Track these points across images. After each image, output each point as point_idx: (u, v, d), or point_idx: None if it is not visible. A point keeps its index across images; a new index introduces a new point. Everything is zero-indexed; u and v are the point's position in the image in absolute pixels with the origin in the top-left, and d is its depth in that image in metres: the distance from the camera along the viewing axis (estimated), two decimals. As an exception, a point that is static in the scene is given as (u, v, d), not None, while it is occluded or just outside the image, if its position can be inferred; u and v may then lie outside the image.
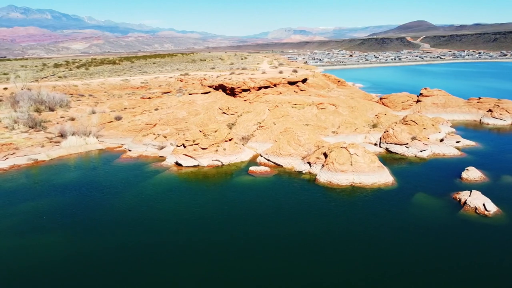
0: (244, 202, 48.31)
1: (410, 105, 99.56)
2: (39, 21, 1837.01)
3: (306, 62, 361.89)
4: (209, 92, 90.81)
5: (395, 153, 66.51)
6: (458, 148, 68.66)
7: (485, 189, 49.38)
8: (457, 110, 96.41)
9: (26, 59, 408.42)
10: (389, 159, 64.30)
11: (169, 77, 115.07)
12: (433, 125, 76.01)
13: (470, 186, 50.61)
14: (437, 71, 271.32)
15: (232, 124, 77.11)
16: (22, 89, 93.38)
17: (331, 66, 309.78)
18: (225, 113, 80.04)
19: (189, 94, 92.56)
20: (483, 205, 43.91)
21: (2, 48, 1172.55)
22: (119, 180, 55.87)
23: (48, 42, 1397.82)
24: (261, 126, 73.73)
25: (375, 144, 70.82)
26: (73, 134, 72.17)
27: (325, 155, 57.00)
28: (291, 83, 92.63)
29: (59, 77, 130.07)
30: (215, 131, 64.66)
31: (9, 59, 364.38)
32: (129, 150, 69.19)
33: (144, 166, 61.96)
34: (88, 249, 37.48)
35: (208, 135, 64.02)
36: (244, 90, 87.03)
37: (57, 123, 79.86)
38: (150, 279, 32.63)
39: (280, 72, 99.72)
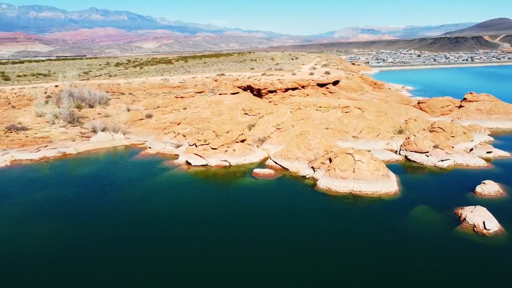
0: (235, 202, 49.12)
1: (450, 110, 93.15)
2: (116, 22, 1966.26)
3: (368, 62, 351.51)
4: (238, 92, 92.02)
5: (414, 161, 62.88)
6: (488, 159, 63.30)
7: (497, 206, 45.52)
8: (504, 117, 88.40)
9: (96, 58, 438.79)
10: (405, 168, 61.12)
11: (205, 77, 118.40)
12: (464, 133, 70.74)
13: (482, 201, 46.69)
14: None
15: (252, 125, 77.61)
16: (70, 86, 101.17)
17: (389, 67, 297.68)
18: (247, 114, 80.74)
19: (219, 94, 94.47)
20: (483, 222, 40.32)
21: (83, 48, 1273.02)
22: (128, 176, 58.88)
23: (123, 42, 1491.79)
24: (279, 129, 73.40)
25: (396, 152, 67.46)
26: (103, 130, 76.99)
27: (331, 160, 55.58)
28: (321, 85, 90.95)
29: (109, 75, 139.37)
30: (227, 132, 65.57)
31: (80, 58, 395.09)
32: (149, 148, 72.45)
33: (157, 163, 64.57)
34: (83, 238, 40.06)
35: (220, 135, 65.12)
36: (270, 92, 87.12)
37: (93, 119, 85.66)
38: (141, 271, 34.28)
39: (311, 73, 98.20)
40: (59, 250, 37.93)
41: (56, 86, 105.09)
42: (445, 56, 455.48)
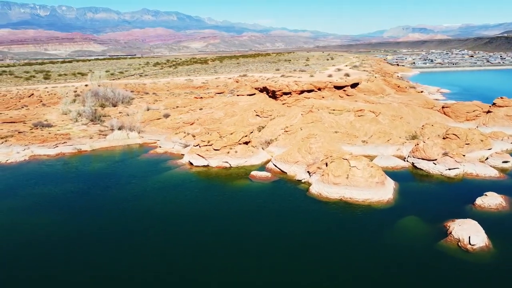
0: (223, 202, 50.02)
1: (476, 116, 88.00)
2: (166, 22, 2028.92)
3: (414, 63, 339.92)
4: (254, 94, 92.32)
5: (420, 169, 60.24)
6: (504, 169, 59.45)
7: (493, 220, 43.04)
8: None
9: (140, 57, 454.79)
10: (409, 176, 58.78)
11: (228, 78, 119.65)
12: (482, 140, 66.77)
13: (479, 214, 44.27)
14: None
15: (262, 127, 77.67)
16: (98, 85, 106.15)
17: (433, 68, 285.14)
18: (258, 115, 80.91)
19: (237, 95, 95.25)
20: (469, 237, 38.07)
21: (134, 47, 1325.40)
22: (131, 173, 61.09)
23: (172, 42, 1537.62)
24: (287, 131, 72.91)
25: (404, 158, 64.92)
26: (119, 128, 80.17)
27: (327, 165, 54.59)
28: (338, 87, 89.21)
29: (140, 75, 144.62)
30: (231, 133, 66.13)
31: (124, 58, 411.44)
32: (159, 147, 74.54)
33: (162, 162, 66.35)
34: (77, 230, 42.62)
35: (224, 136, 65.82)
36: (285, 93, 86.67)
37: (114, 117, 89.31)
38: (129, 260, 36.54)
39: (330, 75, 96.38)
40: (54, 240, 40.47)
41: (86, 85, 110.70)
42: (500, 56, 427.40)
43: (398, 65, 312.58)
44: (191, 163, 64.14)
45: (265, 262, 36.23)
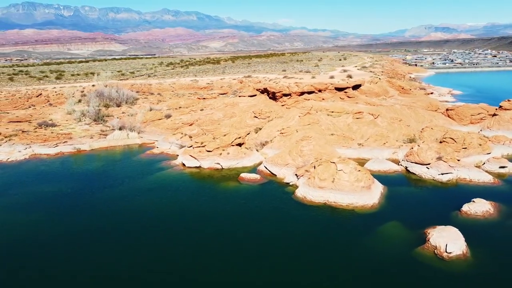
0: (206, 203, 50.21)
1: (481, 119, 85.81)
2: (186, 22, 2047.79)
3: (433, 63, 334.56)
4: (255, 95, 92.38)
5: (413, 173, 59.22)
6: (501, 175, 57.91)
7: (476, 227, 42.18)
8: (544, 128, 79.62)
9: (156, 57, 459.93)
10: (401, 180, 57.82)
11: (232, 79, 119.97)
12: (480, 144, 65.15)
13: (463, 221, 43.52)
14: None
15: (259, 129, 77.67)
16: (105, 86, 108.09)
17: (450, 69, 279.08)
18: (256, 117, 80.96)
19: (239, 96, 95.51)
20: (446, 245, 37.27)
21: (153, 47, 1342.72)
22: (123, 173, 61.97)
23: (191, 42, 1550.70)
24: (282, 133, 72.73)
25: (398, 162, 63.90)
26: (120, 128, 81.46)
27: (315, 168, 54.26)
28: (339, 89, 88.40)
29: (149, 75, 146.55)
30: (224, 135, 66.42)
31: (140, 58, 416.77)
32: (156, 147, 75.41)
33: (156, 163, 67.09)
34: (64, 229, 43.79)
35: (217, 138, 66.14)
36: (285, 95, 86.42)
37: (117, 117, 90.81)
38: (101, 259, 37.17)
39: (331, 77, 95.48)
40: (42, 239, 41.48)
41: (93, 85, 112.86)
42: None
43: (416, 65, 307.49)
44: (184, 164, 64.71)
45: (231, 262, 36.71)
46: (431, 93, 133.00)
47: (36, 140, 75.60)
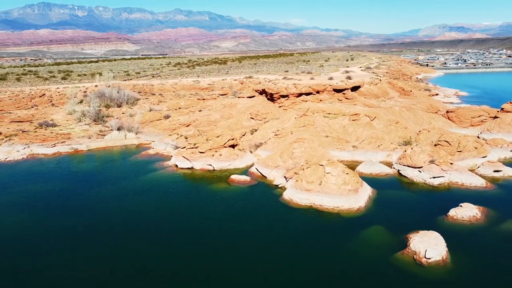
0: (193, 203, 50.59)
1: (482, 121, 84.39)
2: (198, 22, 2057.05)
3: (446, 63, 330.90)
4: (254, 96, 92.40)
5: (405, 176, 58.60)
6: (495, 179, 57.00)
7: (462, 233, 41.87)
8: (545, 132, 77.95)
9: (165, 57, 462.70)
10: (392, 183, 57.30)
11: (234, 80, 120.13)
12: (476, 148, 64.10)
13: (448, 226, 43.10)
14: None
15: (255, 130, 77.68)
16: (108, 86, 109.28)
17: (460, 69, 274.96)
18: (253, 118, 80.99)
19: (238, 97, 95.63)
20: (425, 250, 36.82)
21: (166, 47, 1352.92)
22: (116, 174, 62.64)
23: (203, 41, 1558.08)
24: (277, 135, 72.63)
25: (391, 165, 63.27)
26: (118, 129, 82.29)
27: (304, 171, 54.08)
28: (337, 90, 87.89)
29: (152, 76, 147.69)
30: (217, 136, 66.59)
31: (150, 58, 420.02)
32: (152, 148, 75.97)
33: (150, 164, 67.60)
34: (52, 228, 44.52)
35: (210, 139, 66.36)
36: (283, 96, 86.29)
37: (117, 118, 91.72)
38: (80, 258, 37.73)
39: (330, 78, 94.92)
40: (28, 238, 42.23)
41: (96, 86, 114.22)
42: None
43: (427, 65, 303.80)
44: (176, 165, 65.07)
45: (210, 262, 36.63)
46: (436, 94, 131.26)
47: (35, 140, 76.81)
